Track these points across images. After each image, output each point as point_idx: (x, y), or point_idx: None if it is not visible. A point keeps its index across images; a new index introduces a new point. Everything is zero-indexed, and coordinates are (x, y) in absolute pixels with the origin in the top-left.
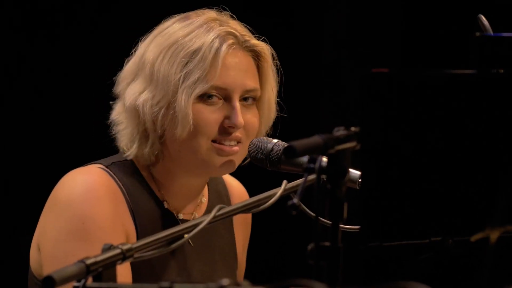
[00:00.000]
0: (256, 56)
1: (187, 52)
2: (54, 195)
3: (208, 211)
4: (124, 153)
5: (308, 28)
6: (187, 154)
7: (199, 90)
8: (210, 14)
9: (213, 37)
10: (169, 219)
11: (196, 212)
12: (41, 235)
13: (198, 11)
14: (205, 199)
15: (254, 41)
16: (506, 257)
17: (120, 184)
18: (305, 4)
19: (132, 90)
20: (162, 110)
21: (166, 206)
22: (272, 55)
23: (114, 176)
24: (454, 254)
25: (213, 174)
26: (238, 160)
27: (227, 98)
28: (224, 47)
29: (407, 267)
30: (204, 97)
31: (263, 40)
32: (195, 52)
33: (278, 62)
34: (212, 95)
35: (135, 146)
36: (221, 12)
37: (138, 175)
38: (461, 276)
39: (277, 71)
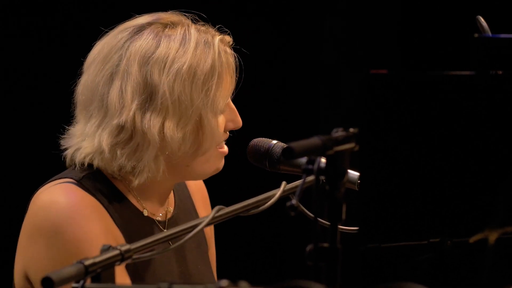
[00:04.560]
0: None
1: (203, 73)
2: (35, 222)
3: (177, 202)
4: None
5: (307, 29)
6: (198, 165)
7: (222, 104)
8: (184, 20)
9: (218, 51)
10: (152, 226)
11: (169, 206)
12: (32, 266)
13: (159, 22)
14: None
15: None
16: (505, 258)
17: (99, 198)
18: (304, 5)
19: (151, 124)
20: (187, 134)
21: (146, 214)
22: None
23: (90, 191)
24: (452, 255)
25: (207, 177)
26: None
27: None
28: (229, 59)
29: (405, 268)
30: None
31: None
32: (210, 71)
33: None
34: None
35: (145, 171)
36: (175, 12)
37: (111, 187)
38: (460, 277)
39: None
